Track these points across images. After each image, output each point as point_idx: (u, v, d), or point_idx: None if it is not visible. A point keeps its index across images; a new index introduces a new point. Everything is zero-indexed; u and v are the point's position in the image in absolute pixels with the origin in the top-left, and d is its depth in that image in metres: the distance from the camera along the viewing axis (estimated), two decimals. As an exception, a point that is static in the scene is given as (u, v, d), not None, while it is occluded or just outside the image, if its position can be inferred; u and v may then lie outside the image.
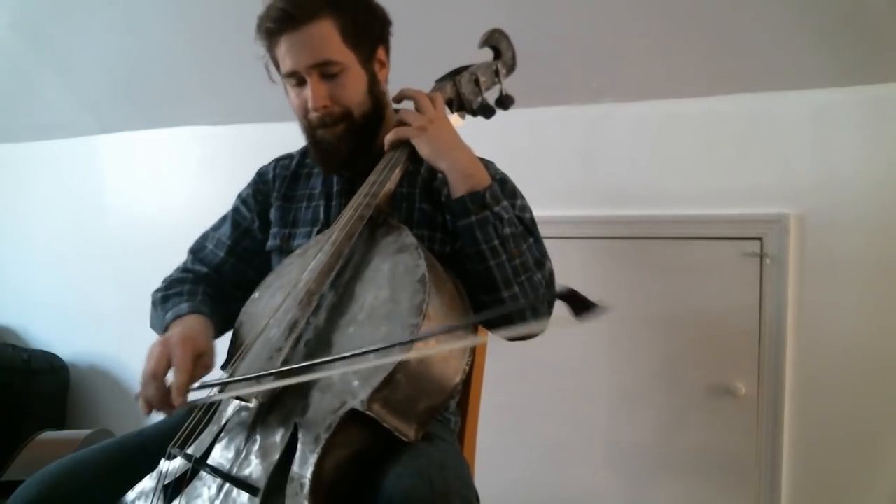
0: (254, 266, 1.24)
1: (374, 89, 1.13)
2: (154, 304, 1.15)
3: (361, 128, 1.12)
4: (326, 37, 1.05)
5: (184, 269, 1.26)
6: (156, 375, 0.89)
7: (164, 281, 1.22)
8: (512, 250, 1.01)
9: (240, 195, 1.30)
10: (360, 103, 1.11)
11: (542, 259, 1.07)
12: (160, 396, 0.89)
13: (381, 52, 1.15)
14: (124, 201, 2.49)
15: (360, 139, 1.12)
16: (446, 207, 1.08)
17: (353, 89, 1.10)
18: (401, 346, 0.80)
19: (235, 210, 1.28)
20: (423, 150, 1.05)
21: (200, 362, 0.94)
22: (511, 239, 1.01)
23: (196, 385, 0.89)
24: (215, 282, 1.23)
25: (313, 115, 1.10)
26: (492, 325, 0.97)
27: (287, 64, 1.07)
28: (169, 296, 1.14)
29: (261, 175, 1.30)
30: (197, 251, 1.28)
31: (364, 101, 1.12)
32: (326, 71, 1.07)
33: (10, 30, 2.27)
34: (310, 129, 1.13)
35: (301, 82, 1.08)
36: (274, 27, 1.06)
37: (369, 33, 1.12)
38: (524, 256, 1.03)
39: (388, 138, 1.09)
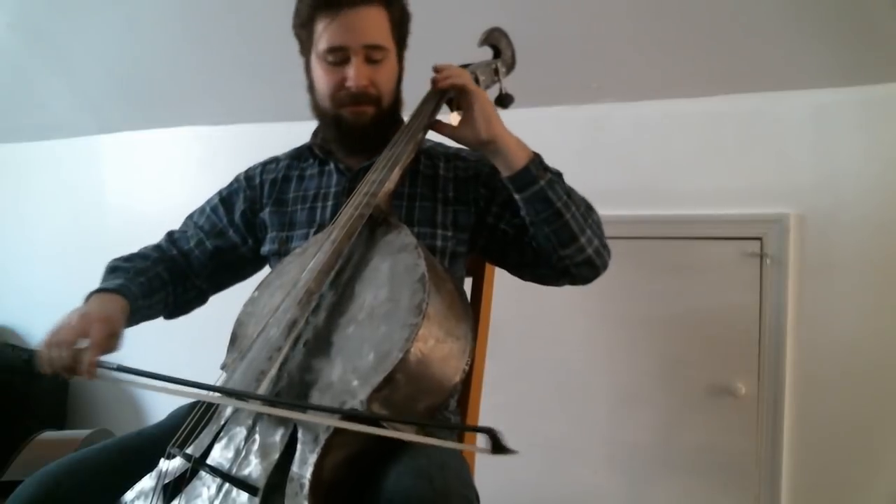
0: (221, 263, 1.27)
1: (400, 86, 1.18)
2: (105, 271, 1.19)
3: (383, 118, 1.15)
4: (380, 22, 1.10)
5: (156, 246, 1.28)
6: (68, 343, 0.94)
7: (132, 252, 1.25)
8: (576, 199, 1.08)
9: (220, 193, 1.31)
10: (389, 93, 1.15)
11: (586, 199, 1.13)
12: (65, 362, 0.94)
13: (404, 54, 1.19)
14: (124, 201, 2.49)
15: (379, 128, 1.14)
16: (507, 183, 1.07)
17: (389, 79, 1.14)
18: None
19: (214, 209, 1.29)
20: (481, 123, 1.04)
21: (111, 342, 0.98)
22: (571, 190, 1.08)
23: (109, 366, 0.93)
24: (179, 267, 1.25)
25: (345, 93, 1.11)
26: (574, 276, 1.10)
27: (337, 39, 1.08)
28: (118, 267, 1.18)
29: (248, 180, 1.29)
30: (172, 233, 1.30)
31: (392, 93, 1.15)
32: (372, 55, 1.10)
33: (10, 30, 2.27)
34: (334, 108, 1.13)
35: (342, 61, 1.10)
36: (332, 0, 1.08)
37: (405, 33, 1.17)
38: (582, 203, 1.10)
39: (448, 81, 1.06)
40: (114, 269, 1.19)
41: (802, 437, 1.57)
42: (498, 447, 0.72)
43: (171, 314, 1.25)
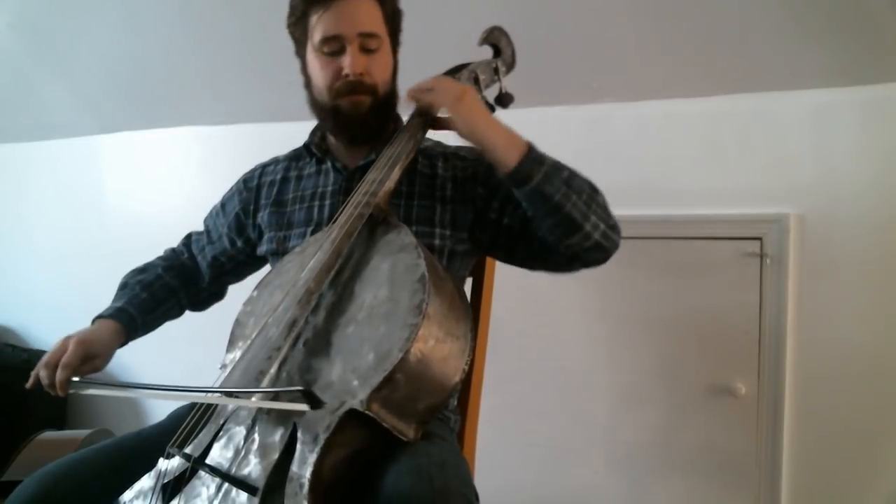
0: (220, 270, 1.34)
1: (395, 77, 1.18)
2: (118, 285, 1.29)
3: (381, 107, 1.15)
4: (373, 12, 1.12)
5: (171, 251, 1.38)
6: (48, 365, 1.06)
7: (147, 262, 1.34)
8: (576, 187, 1.03)
9: (222, 199, 1.35)
10: (385, 83, 1.15)
11: (592, 183, 1.09)
12: (45, 381, 1.06)
13: (398, 49, 1.20)
14: (124, 201, 2.49)
15: (377, 118, 1.15)
16: (504, 181, 1.06)
17: (385, 69, 1.15)
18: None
19: (216, 215, 1.35)
20: (463, 124, 1.04)
21: (90, 364, 1.09)
22: (571, 178, 1.04)
23: (76, 379, 1.04)
24: (188, 272, 1.34)
25: (342, 83, 1.11)
26: (584, 261, 1.09)
27: (332, 29, 1.09)
28: (127, 285, 1.27)
29: (245, 182, 1.31)
30: (191, 236, 1.38)
31: (388, 83, 1.16)
32: (368, 44, 1.11)
33: (10, 30, 2.27)
34: (332, 99, 1.14)
35: (338, 51, 1.11)
36: None
37: (398, 26, 1.18)
38: (585, 188, 1.05)
39: (420, 97, 1.09)
40: (123, 285, 1.28)
41: (802, 437, 1.56)
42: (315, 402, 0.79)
43: (194, 309, 1.35)
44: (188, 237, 1.38)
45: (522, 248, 1.14)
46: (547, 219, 1.04)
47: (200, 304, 1.36)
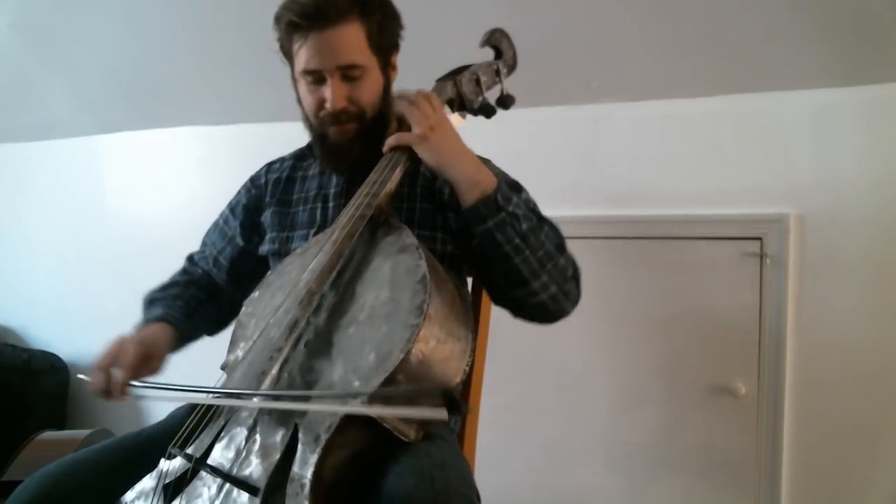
0: (239, 274, 1.29)
1: (387, 93, 1.15)
2: (143, 305, 1.22)
3: (370, 130, 1.13)
4: (354, 40, 1.06)
5: (182, 271, 1.33)
6: (102, 366, 0.99)
7: (163, 282, 1.28)
8: (533, 243, 1.02)
9: (228, 205, 1.33)
10: (373, 105, 1.12)
11: (561, 243, 1.08)
12: (102, 385, 0.99)
13: (394, 57, 1.16)
14: (124, 201, 2.49)
15: (369, 140, 1.13)
16: (461, 215, 1.07)
17: (371, 92, 1.11)
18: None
19: (225, 220, 1.32)
20: (428, 159, 1.06)
21: (148, 365, 1.03)
22: (530, 233, 1.03)
23: (136, 383, 0.98)
24: (208, 286, 1.29)
25: (326, 113, 1.10)
26: (529, 316, 1.09)
27: (311, 62, 1.07)
28: (155, 300, 1.21)
29: (252, 181, 1.31)
30: (193, 256, 1.35)
31: (377, 104, 1.12)
32: (349, 74, 1.07)
33: (10, 30, 2.26)
34: (319, 126, 1.13)
35: (319, 81, 1.08)
36: (302, 23, 1.05)
37: (390, 39, 1.13)
38: (545, 246, 1.04)
39: (389, 142, 1.09)
40: (151, 301, 1.22)
41: (802, 437, 1.57)
42: (453, 407, 0.72)
43: (213, 331, 1.28)
44: (190, 258, 1.35)
45: (483, 274, 1.14)
46: (494, 264, 1.05)
47: (224, 320, 1.28)
